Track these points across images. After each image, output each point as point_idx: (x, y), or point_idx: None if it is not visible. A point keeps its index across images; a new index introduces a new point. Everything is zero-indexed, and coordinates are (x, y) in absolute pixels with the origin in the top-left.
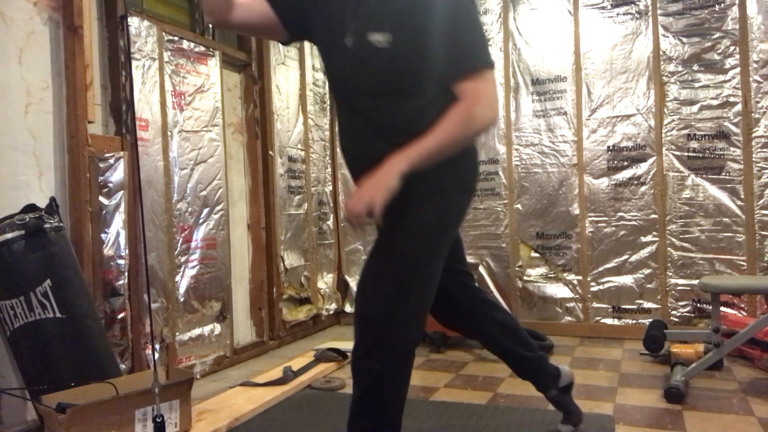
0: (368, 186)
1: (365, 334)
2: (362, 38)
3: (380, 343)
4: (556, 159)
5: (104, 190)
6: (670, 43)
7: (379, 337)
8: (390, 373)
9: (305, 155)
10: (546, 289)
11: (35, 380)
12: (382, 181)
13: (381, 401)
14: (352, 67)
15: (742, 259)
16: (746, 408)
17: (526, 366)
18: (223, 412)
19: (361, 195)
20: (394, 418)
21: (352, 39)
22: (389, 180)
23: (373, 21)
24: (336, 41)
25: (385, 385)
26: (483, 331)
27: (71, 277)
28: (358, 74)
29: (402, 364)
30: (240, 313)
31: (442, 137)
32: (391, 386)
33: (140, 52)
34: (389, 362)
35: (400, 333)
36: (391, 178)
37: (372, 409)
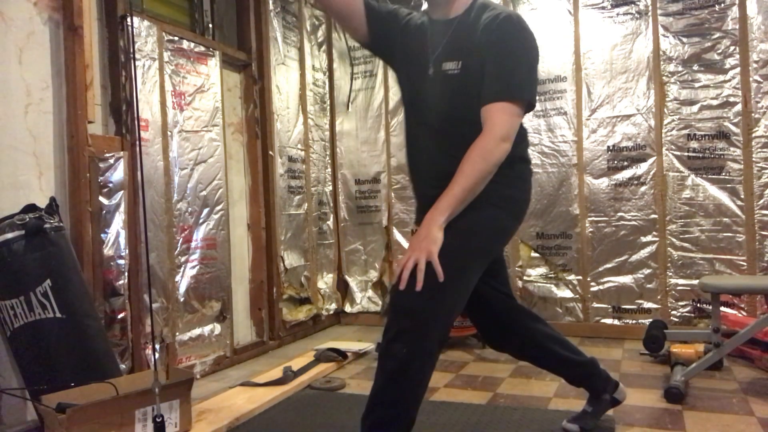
0: (417, 243)
1: (400, 320)
2: (439, 68)
3: (411, 331)
4: (556, 159)
5: (104, 190)
6: (670, 43)
7: (412, 325)
8: (415, 362)
9: (305, 155)
10: (546, 289)
11: (35, 380)
12: (428, 236)
13: (403, 392)
14: (431, 94)
15: (742, 259)
16: (746, 408)
17: (583, 371)
18: (223, 412)
19: (413, 252)
20: (413, 413)
21: (432, 69)
22: (435, 233)
23: (448, 51)
24: (420, 71)
25: (409, 375)
26: (539, 347)
27: (71, 277)
28: (437, 100)
29: (427, 357)
30: (240, 313)
31: (464, 180)
32: (415, 377)
33: (140, 52)
34: (416, 350)
35: (431, 325)
36: (435, 231)
37: (393, 399)
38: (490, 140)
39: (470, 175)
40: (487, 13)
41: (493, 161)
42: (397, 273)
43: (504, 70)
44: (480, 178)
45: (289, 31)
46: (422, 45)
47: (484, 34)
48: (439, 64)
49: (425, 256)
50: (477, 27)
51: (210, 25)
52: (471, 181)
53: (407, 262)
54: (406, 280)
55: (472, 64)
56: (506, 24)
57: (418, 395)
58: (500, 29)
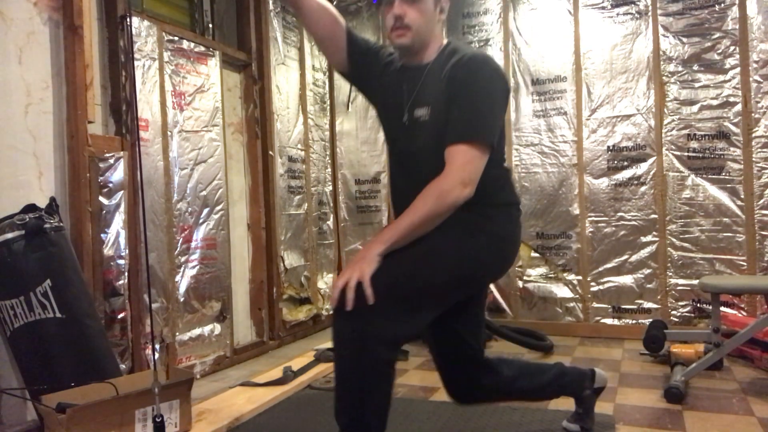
0: (352, 264)
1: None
2: (412, 115)
3: (351, 345)
4: (556, 159)
5: (104, 190)
6: (670, 43)
7: (351, 340)
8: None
9: (305, 155)
10: (546, 289)
11: (35, 380)
12: (364, 258)
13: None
14: (406, 138)
15: (742, 259)
16: (746, 408)
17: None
18: (223, 412)
19: (346, 272)
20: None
21: (407, 116)
22: (370, 257)
23: (420, 98)
24: (396, 116)
25: (356, 384)
26: (506, 393)
27: (71, 277)
28: (411, 144)
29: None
30: (240, 313)
31: (413, 216)
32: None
33: (140, 52)
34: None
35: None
36: (371, 255)
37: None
38: (448, 182)
39: (419, 212)
40: (454, 57)
41: (447, 203)
42: (333, 293)
43: (466, 111)
44: (430, 217)
45: (289, 31)
46: (398, 91)
47: (450, 78)
48: (412, 112)
49: (357, 277)
50: (445, 71)
51: (210, 25)
52: (419, 217)
53: (339, 281)
54: (336, 301)
55: (441, 110)
56: (471, 64)
57: (369, 403)
58: (464, 71)
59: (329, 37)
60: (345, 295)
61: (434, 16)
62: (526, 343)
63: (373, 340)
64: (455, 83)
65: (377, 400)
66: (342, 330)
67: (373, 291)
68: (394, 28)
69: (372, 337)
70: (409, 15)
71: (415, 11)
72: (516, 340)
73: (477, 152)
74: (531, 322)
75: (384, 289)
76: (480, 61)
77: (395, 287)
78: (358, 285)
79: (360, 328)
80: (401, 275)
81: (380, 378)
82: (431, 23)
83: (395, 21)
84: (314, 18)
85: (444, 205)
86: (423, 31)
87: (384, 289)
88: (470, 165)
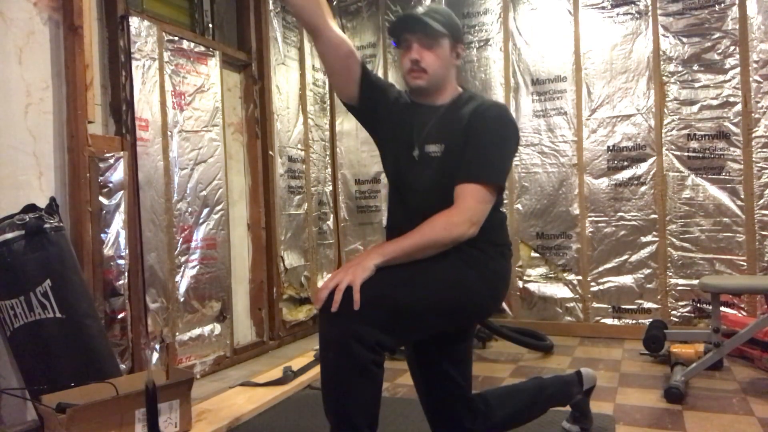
0: (346, 268)
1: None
2: (423, 150)
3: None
4: (556, 159)
5: (104, 190)
6: (670, 43)
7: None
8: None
9: (305, 155)
10: (546, 289)
11: (35, 380)
12: (360, 264)
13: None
14: (415, 174)
15: (742, 259)
16: (746, 408)
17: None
18: (223, 412)
19: (338, 274)
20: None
21: (417, 151)
22: (366, 264)
23: (434, 135)
24: (405, 150)
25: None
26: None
27: (71, 277)
28: (419, 178)
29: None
30: (240, 313)
31: (417, 238)
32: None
33: (140, 52)
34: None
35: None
36: (367, 263)
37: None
38: (457, 215)
39: (425, 236)
40: (474, 103)
41: (453, 236)
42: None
43: (482, 153)
44: (432, 244)
45: (289, 31)
46: (408, 126)
47: (469, 121)
48: (423, 147)
49: (348, 281)
50: (463, 115)
51: (210, 25)
52: (423, 241)
53: (330, 281)
54: (321, 302)
55: (454, 149)
56: (490, 112)
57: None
58: (484, 117)
59: (344, 69)
60: (332, 296)
61: (450, 61)
62: (526, 343)
63: (356, 342)
64: (474, 127)
65: (362, 400)
66: (327, 331)
67: (361, 298)
68: (411, 71)
69: (355, 339)
70: (426, 59)
71: (431, 56)
72: (516, 340)
73: (488, 194)
74: (531, 322)
75: (371, 299)
76: (499, 110)
77: (383, 299)
78: (347, 289)
79: (344, 329)
80: (392, 289)
81: (365, 378)
82: (446, 68)
83: (412, 64)
84: (332, 49)
85: (449, 237)
86: (438, 74)
87: (371, 298)
88: (480, 205)
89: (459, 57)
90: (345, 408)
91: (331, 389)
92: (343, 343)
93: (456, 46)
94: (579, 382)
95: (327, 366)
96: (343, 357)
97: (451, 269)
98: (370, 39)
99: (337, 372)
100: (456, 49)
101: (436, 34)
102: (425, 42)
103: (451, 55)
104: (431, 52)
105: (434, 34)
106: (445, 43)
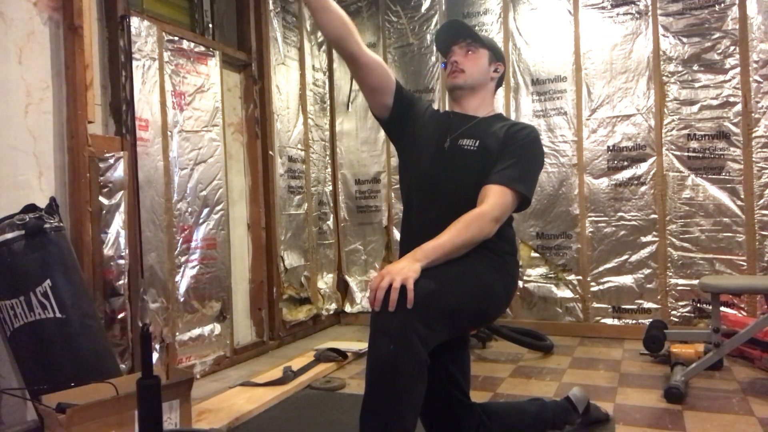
0: (396, 268)
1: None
2: (455, 143)
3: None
4: (556, 159)
5: (104, 190)
6: (670, 43)
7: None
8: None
9: (305, 155)
10: (546, 289)
11: (35, 380)
12: (408, 266)
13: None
14: (441, 163)
15: (742, 259)
16: (746, 408)
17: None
18: (223, 412)
19: (389, 274)
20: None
21: (449, 143)
22: (415, 266)
23: (468, 133)
24: (435, 144)
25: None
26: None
27: (71, 277)
28: (445, 168)
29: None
30: (240, 313)
31: (456, 235)
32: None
33: (140, 52)
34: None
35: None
36: (416, 265)
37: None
38: (488, 215)
39: (462, 234)
40: (509, 122)
41: (484, 232)
42: (371, 295)
43: (516, 163)
44: (469, 241)
45: (289, 31)
46: (440, 127)
47: (505, 134)
48: (456, 140)
49: (400, 280)
50: (500, 128)
51: (210, 25)
52: (461, 239)
53: (381, 281)
54: (380, 301)
55: (490, 147)
56: (528, 131)
57: (407, 403)
58: (519, 133)
59: (381, 89)
60: (389, 296)
61: (487, 72)
62: (526, 343)
63: (416, 337)
64: (512, 139)
65: (416, 400)
66: (387, 326)
67: (414, 297)
68: (452, 72)
69: (416, 335)
70: (464, 62)
71: (469, 60)
72: (516, 340)
73: (513, 199)
74: (531, 322)
75: (424, 298)
76: (533, 131)
77: (434, 299)
78: (401, 288)
79: (407, 324)
80: (441, 290)
81: (422, 376)
82: (483, 75)
83: (452, 65)
84: (369, 72)
85: (481, 235)
86: (475, 77)
87: (424, 297)
88: (505, 207)
89: (498, 72)
90: (399, 407)
91: (388, 388)
92: (405, 337)
93: (495, 62)
94: (573, 408)
95: (387, 362)
96: (406, 351)
97: (485, 273)
98: (370, 39)
99: (396, 367)
100: (495, 64)
101: (477, 41)
102: (466, 47)
103: (489, 66)
104: (468, 57)
105: (476, 39)
106: (483, 54)
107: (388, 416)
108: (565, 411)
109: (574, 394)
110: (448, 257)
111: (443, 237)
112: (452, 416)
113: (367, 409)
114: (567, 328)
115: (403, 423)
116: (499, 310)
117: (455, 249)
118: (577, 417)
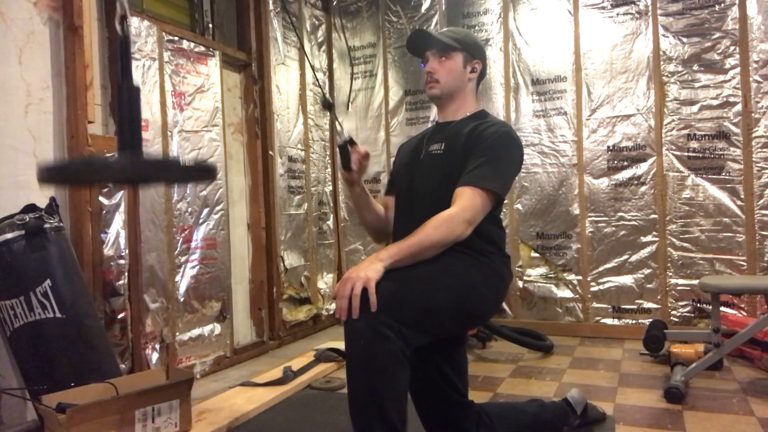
0: (356, 272)
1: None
2: (428, 150)
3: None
4: (556, 159)
5: (104, 190)
6: (670, 43)
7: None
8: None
9: (305, 155)
10: (546, 289)
11: (35, 380)
12: (369, 267)
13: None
14: (419, 174)
15: (742, 259)
16: (746, 408)
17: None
18: (223, 412)
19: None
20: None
21: (423, 153)
22: (375, 266)
23: (439, 138)
24: (413, 160)
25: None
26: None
27: (71, 277)
28: (423, 178)
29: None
30: (240, 313)
31: (421, 239)
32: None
33: (140, 52)
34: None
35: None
36: (376, 265)
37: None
38: (457, 217)
39: (430, 235)
40: (483, 120)
41: (453, 234)
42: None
43: (486, 162)
44: (437, 243)
45: (289, 31)
46: (420, 142)
47: (472, 131)
48: (428, 147)
49: (361, 284)
50: (469, 125)
51: (210, 25)
52: (429, 240)
53: (342, 289)
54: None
55: (455, 149)
56: (491, 129)
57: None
58: (490, 132)
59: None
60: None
61: (463, 75)
62: (526, 343)
63: (387, 328)
64: (479, 138)
65: (397, 390)
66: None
67: (378, 298)
68: (427, 82)
69: (386, 326)
70: (439, 71)
71: (443, 68)
72: (516, 340)
73: (486, 198)
74: (531, 322)
75: (388, 297)
76: (500, 127)
77: (399, 296)
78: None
79: (372, 319)
80: (407, 288)
81: (399, 365)
82: (459, 80)
83: (427, 75)
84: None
85: (450, 237)
86: (450, 85)
87: (389, 296)
88: (476, 208)
89: (475, 72)
90: (380, 401)
91: (365, 381)
92: (374, 330)
93: (471, 62)
94: (572, 410)
95: (360, 356)
96: (377, 343)
97: (460, 271)
98: (370, 39)
99: (371, 360)
100: (471, 64)
101: (447, 48)
102: (438, 55)
103: (464, 68)
104: (442, 65)
105: (444, 48)
106: (457, 57)
107: (369, 412)
108: (564, 413)
109: (572, 396)
110: (415, 258)
111: (410, 238)
112: (450, 416)
113: (354, 410)
114: (567, 328)
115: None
116: (486, 309)
117: (422, 250)
118: (576, 419)
